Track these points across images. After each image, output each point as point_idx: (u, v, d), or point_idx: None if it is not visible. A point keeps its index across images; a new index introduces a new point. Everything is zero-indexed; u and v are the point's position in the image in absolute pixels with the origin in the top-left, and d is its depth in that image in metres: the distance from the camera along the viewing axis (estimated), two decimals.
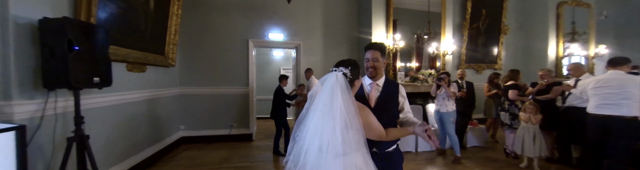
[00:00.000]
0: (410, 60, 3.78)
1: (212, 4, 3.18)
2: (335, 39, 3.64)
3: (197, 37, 3.17)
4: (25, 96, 1.24)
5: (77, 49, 1.24)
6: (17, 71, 1.21)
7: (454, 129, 2.62)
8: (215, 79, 3.29)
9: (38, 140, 1.27)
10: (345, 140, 0.81)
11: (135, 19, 2.11)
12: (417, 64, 3.77)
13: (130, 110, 2.12)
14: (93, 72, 1.36)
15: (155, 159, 2.50)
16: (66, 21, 1.21)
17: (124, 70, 2.01)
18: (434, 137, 0.93)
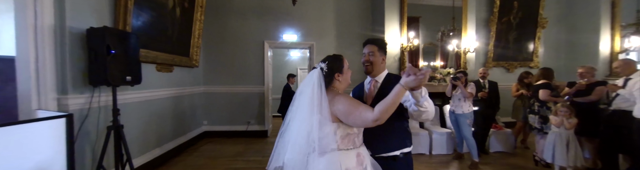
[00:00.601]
0: (435, 58, 3.60)
1: (231, 9, 3.44)
2: (348, 38, 3.65)
3: (217, 40, 3.45)
4: (77, 91, 1.53)
5: (113, 52, 1.49)
6: (71, 71, 1.49)
7: (470, 132, 2.46)
8: (234, 79, 3.54)
9: (86, 127, 1.56)
10: (322, 137, 0.82)
11: (164, 25, 2.41)
12: (442, 63, 3.59)
13: (159, 106, 2.42)
14: (126, 71, 1.61)
15: (180, 149, 2.80)
16: (105, 30, 1.47)
17: (154, 70, 2.30)
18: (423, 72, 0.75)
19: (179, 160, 2.56)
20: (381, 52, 1.08)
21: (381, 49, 1.09)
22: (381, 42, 1.11)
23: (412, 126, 3.04)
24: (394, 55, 3.24)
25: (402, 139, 0.99)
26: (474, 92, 2.51)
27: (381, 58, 1.08)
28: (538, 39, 4.15)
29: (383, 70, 1.11)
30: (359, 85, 1.22)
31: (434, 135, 2.81)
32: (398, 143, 0.98)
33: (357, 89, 1.20)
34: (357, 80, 1.49)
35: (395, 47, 3.24)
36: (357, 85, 1.22)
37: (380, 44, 1.10)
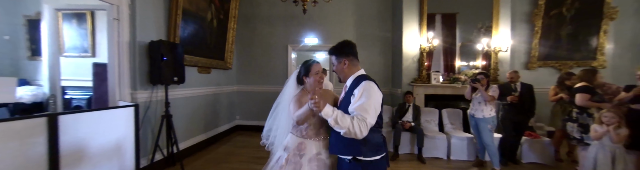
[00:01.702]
0: (475, 58, 3.28)
1: (260, 17, 3.88)
2: (368, 40, 3.73)
3: (247, 45, 3.93)
4: (142, 88, 2.05)
5: (165, 59, 1.96)
6: (139, 73, 2.02)
7: (491, 138, 2.29)
8: (262, 79, 3.98)
9: (148, 115, 2.07)
10: (287, 124, 1.16)
11: (204, 35, 2.92)
12: (484, 62, 3.26)
13: (200, 101, 2.94)
14: (174, 73, 2.08)
15: (216, 139, 3.31)
16: (160, 42, 1.95)
17: (196, 72, 2.82)
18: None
19: (214, 147, 3.06)
20: (340, 58, 1.04)
21: (339, 55, 1.05)
22: (333, 48, 1.07)
23: (429, 129, 2.97)
24: (412, 57, 3.20)
25: (355, 147, 0.95)
26: (496, 95, 2.34)
27: (342, 63, 1.03)
28: (603, 33, 3.48)
29: (352, 74, 1.04)
30: None
31: (453, 139, 2.69)
32: (349, 150, 0.97)
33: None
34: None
35: (414, 48, 3.20)
36: None
37: (333, 51, 1.07)
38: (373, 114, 0.89)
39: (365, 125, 0.85)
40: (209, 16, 2.95)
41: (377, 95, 0.92)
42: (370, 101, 0.89)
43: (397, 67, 3.41)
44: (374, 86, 0.94)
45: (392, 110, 3.29)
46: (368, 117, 0.87)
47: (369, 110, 0.88)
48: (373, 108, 0.89)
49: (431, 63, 3.29)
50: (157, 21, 2.22)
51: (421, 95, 3.19)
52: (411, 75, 3.20)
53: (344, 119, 0.85)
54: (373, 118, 0.89)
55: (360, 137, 0.86)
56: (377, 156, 0.97)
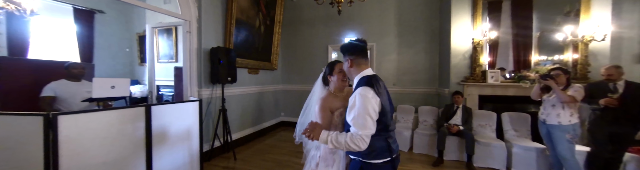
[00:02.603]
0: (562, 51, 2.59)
1: (302, 20, 4.11)
2: (411, 37, 3.50)
3: (291, 47, 4.23)
4: (205, 86, 2.50)
5: (221, 62, 2.34)
6: (204, 74, 2.47)
7: (571, 151, 1.83)
8: (304, 78, 4.22)
9: (210, 109, 2.51)
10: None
11: (253, 40, 3.31)
12: (576, 56, 2.54)
13: (250, 99, 3.35)
14: (228, 74, 2.46)
15: (263, 132, 3.70)
16: (218, 48, 2.34)
17: (246, 73, 3.23)
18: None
19: (261, 140, 3.44)
20: (345, 56, 1.04)
21: (344, 53, 1.05)
22: (340, 47, 1.07)
23: (483, 134, 2.59)
24: (463, 52, 2.82)
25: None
26: (578, 96, 1.85)
27: (347, 62, 1.03)
28: None
29: (357, 74, 1.02)
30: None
31: (516, 149, 2.27)
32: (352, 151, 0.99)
33: None
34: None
35: (464, 43, 2.83)
36: None
37: (340, 50, 1.06)
38: (370, 124, 0.90)
39: (360, 139, 0.90)
40: (257, 23, 3.33)
41: (371, 103, 0.91)
42: (363, 111, 0.89)
43: (444, 65, 3.07)
44: (369, 92, 0.92)
45: (437, 111, 3.00)
46: (363, 130, 0.90)
47: (364, 122, 0.90)
48: (368, 118, 0.90)
49: (496, 59, 2.82)
50: (216, 31, 2.66)
51: (474, 96, 2.79)
52: (461, 74, 2.83)
53: (338, 141, 0.92)
54: (370, 128, 0.91)
55: (360, 150, 0.91)
56: (377, 160, 0.96)
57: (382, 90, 0.97)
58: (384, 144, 0.97)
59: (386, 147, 0.98)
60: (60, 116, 1.16)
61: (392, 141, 1.00)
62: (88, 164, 1.28)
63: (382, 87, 0.98)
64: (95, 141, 1.31)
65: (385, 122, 0.96)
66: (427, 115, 3.06)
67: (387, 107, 0.97)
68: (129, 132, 1.48)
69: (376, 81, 0.98)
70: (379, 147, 0.97)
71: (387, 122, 0.97)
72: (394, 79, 3.58)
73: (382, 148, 0.97)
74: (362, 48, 1.01)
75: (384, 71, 3.62)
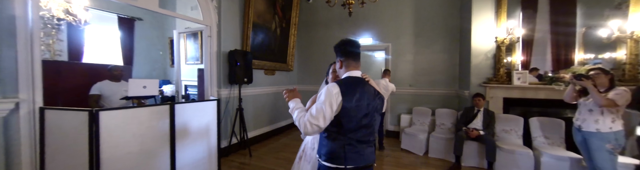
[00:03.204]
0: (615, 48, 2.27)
1: (317, 22, 4.19)
2: (428, 36, 3.37)
3: (307, 48, 4.32)
4: (225, 86, 2.69)
5: (238, 64, 2.50)
6: (223, 75, 2.66)
7: (611, 162, 1.61)
8: (319, 79, 4.28)
9: (228, 108, 2.70)
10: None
11: (269, 42, 3.47)
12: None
13: (266, 99, 3.50)
14: (244, 75, 2.62)
15: (278, 131, 3.84)
16: (235, 51, 2.51)
17: (263, 74, 3.39)
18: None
19: (276, 138, 3.58)
20: (336, 57, 1.06)
21: (336, 54, 1.06)
22: (334, 47, 1.07)
23: (507, 141, 2.40)
24: (485, 52, 2.65)
25: (319, 147, 1.02)
26: (620, 100, 1.61)
27: (338, 63, 1.05)
28: None
29: (343, 75, 1.02)
30: None
31: (545, 158, 2.08)
32: (317, 149, 1.03)
33: None
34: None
35: (486, 42, 2.65)
36: None
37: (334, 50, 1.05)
38: (320, 116, 0.89)
39: (305, 124, 0.89)
40: (273, 26, 3.48)
41: (332, 99, 0.90)
42: (322, 103, 0.90)
43: (464, 65, 2.91)
44: (335, 89, 0.92)
45: (456, 114, 2.85)
46: (312, 118, 0.89)
47: (316, 112, 0.90)
48: (321, 110, 0.89)
49: (530, 58, 2.60)
50: (235, 34, 2.84)
51: (498, 98, 2.60)
52: (483, 75, 2.66)
53: (294, 112, 0.99)
54: (318, 119, 0.88)
55: (303, 132, 0.91)
56: (330, 164, 0.94)
57: (352, 95, 0.92)
58: (340, 150, 0.93)
59: (341, 153, 0.93)
60: (101, 112, 1.37)
61: (352, 150, 0.93)
62: (124, 153, 1.48)
63: (362, 92, 0.94)
64: (129, 134, 1.51)
65: (342, 128, 0.94)
66: (445, 118, 2.92)
67: (356, 111, 0.93)
68: (156, 127, 1.67)
69: (355, 83, 0.96)
70: (334, 151, 0.94)
71: (346, 125, 0.93)
72: (411, 80, 3.48)
73: (336, 153, 0.94)
74: (355, 53, 1.02)
75: (400, 72, 3.54)
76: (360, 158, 0.94)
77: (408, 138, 2.93)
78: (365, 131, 0.96)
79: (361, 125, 0.95)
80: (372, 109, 0.98)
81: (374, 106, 0.98)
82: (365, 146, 0.96)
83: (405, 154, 2.83)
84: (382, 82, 3.03)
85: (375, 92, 1.00)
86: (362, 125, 0.95)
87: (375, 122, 1.00)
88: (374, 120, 0.99)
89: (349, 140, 0.94)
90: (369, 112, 0.97)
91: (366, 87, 0.98)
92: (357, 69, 1.03)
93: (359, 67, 1.04)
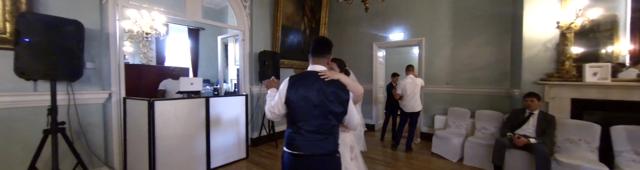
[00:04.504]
0: None
1: (348, 19, 4.16)
2: (470, 27, 2.89)
3: (337, 46, 4.34)
4: (255, 84, 3.04)
5: (266, 63, 2.79)
6: (255, 73, 3.01)
7: None
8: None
9: (259, 103, 3.04)
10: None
11: (299, 43, 3.68)
12: None
13: None
14: (272, 74, 2.89)
15: None
16: (264, 52, 2.81)
17: (293, 72, 3.63)
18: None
19: None
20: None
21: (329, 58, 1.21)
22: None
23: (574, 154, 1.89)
24: (544, 42, 2.09)
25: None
26: None
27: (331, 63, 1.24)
28: None
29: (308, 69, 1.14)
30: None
31: None
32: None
33: None
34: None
35: (544, 29, 2.09)
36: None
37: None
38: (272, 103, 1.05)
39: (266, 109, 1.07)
40: (303, 27, 3.67)
41: (281, 90, 1.03)
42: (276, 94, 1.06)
43: (517, 59, 2.38)
44: (285, 81, 1.04)
45: (502, 117, 2.40)
46: (270, 106, 1.06)
47: (271, 100, 1.08)
48: (275, 99, 1.04)
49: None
50: (265, 37, 3.16)
51: (564, 99, 2.05)
52: (540, 70, 2.12)
53: (268, 99, 1.13)
54: (273, 107, 1.04)
55: (270, 118, 1.07)
56: (288, 150, 1.03)
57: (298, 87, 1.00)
58: (291, 138, 1.03)
59: (289, 140, 1.03)
60: (156, 101, 1.82)
61: (298, 139, 1.00)
62: (171, 134, 1.93)
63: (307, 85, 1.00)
64: (174, 119, 1.95)
65: (292, 117, 1.02)
66: (488, 121, 2.49)
67: (298, 104, 0.99)
68: (195, 115, 2.09)
69: (305, 77, 1.04)
70: (287, 138, 1.05)
71: (296, 118, 1.00)
72: (448, 78, 3.08)
73: (288, 140, 1.04)
74: (319, 49, 1.08)
75: (435, 69, 3.18)
76: (309, 146, 1.00)
77: (440, 142, 2.63)
78: (315, 122, 1.00)
79: (312, 116, 1.00)
80: (320, 102, 1.00)
81: (321, 100, 1.00)
82: (320, 137, 1.00)
83: (435, 159, 2.56)
84: (407, 80, 2.81)
85: (324, 87, 1.00)
86: (312, 116, 1.00)
87: (332, 115, 1.01)
88: (329, 113, 1.00)
89: (298, 129, 1.01)
90: (319, 105, 0.99)
91: (314, 81, 1.01)
92: (321, 64, 1.08)
93: (324, 62, 1.09)
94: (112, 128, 1.94)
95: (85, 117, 1.79)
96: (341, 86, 1.03)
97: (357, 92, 1.06)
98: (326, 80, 1.02)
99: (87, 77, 1.78)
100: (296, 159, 1.01)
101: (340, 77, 1.03)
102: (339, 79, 1.03)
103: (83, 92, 1.76)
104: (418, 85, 2.81)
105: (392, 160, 2.56)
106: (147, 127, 1.80)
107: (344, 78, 1.04)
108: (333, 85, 1.02)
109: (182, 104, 1.99)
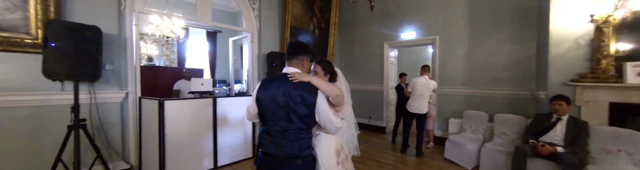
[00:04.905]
0: None
1: (358, 19, 4.07)
2: (489, 23, 2.66)
3: (348, 46, 4.28)
4: None
5: (273, 64, 2.82)
6: (263, 74, 3.06)
7: None
8: (360, 78, 4.17)
9: None
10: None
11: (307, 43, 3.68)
12: None
13: None
14: None
15: None
16: (271, 53, 2.85)
17: None
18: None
19: None
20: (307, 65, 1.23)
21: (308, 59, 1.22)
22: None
23: (608, 166, 1.66)
24: (575, 38, 1.84)
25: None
26: None
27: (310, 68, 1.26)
28: None
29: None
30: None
31: None
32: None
33: None
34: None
35: (575, 24, 1.84)
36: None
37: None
38: (248, 104, 1.17)
39: (246, 108, 1.19)
40: (311, 27, 3.66)
41: (254, 91, 1.11)
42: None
43: (543, 58, 2.13)
44: (258, 84, 1.11)
45: (525, 122, 2.17)
46: (248, 106, 1.16)
47: (250, 101, 1.16)
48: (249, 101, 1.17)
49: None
50: (273, 38, 3.20)
51: (600, 104, 1.79)
52: (570, 70, 1.88)
53: None
54: (249, 108, 1.15)
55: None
56: (260, 149, 1.09)
57: (267, 88, 1.04)
58: (259, 135, 1.10)
59: (259, 138, 1.09)
60: (165, 101, 1.93)
61: (265, 137, 1.05)
62: (180, 131, 2.02)
63: (274, 86, 1.03)
64: (184, 117, 2.04)
65: (261, 116, 1.08)
66: (508, 126, 2.27)
67: (265, 103, 1.04)
68: (203, 114, 2.17)
69: (274, 78, 1.08)
70: (259, 136, 1.10)
71: (264, 117, 1.06)
72: (464, 78, 2.87)
73: (258, 136, 1.13)
74: (290, 51, 1.11)
75: (450, 69, 2.99)
76: (274, 147, 1.02)
77: (453, 147, 2.45)
78: (281, 123, 1.01)
79: (277, 117, 1.01)
80: (285, 104, 1.00)
81: (286, 101, 1.00)
82: (284, 140, 1.00)
83: (448, 165, 2.39)
84: (421, 80, 2.67)
85: (290, 89, 1.00)
86: (278, 116, 1.01)
87: (297, 117, 1.00)
88: (294, 115, 1.00)
89: (266, 128, 1.05)
90: (284, 106, 1.00)
91: (281, 82, 1.02)
92: (294, 66, 1.11)
93: (296, 64, 1.11)
94: (128, 125, 2.09)
95: (105, 115, 1.95)
96: (310, 89, 1.00)
97: (330, 94, 1.01)
98: (294, 82, 1.00)
99: (107, 77, 1.94)
100: (263, 157, 1.05)
101: (310, 80, 1.00)
102: (309, 81, 1.00)
103: (103, 91, 1.91)
104: (430, 87, 2.64)
105: (401, 164, 2.44)
106: (158, 125, 1.90)
107: (316, 80, 1.00)
108: (301, 87, 0.99)
109: (190, 103, 2.08)
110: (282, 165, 1.00)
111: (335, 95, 1.02)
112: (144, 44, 4.50)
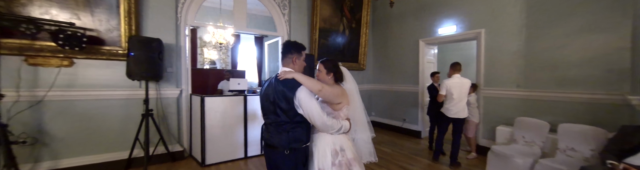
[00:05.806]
0: None
1: (391, 16, 3.83)
2: (552, 10, 2.08)
3: (381, 45, 4.07)
4: None
5: None
6: None
7: None
8: (393, 78, 3.92)
9: None
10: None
11: (338, 44, 3.69)
12: None
13: None
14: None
15: None
16: None
17: None
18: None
19: None
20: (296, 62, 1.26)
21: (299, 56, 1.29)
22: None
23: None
24: None
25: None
26: None
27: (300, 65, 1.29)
28: None
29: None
30: None
31: None
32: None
33: None
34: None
35: None
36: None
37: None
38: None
39: None
40: (341, 28, 3.67)
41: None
42: None
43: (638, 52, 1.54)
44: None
45: (605, 136, 1.64)
46: None
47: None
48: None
49: None
50: (303, 39, 3.36)
51: None
52: None
53: None
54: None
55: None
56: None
57: (264, 87, 1.19)
58: (261, 129, 1.23)
59: (262, 131, 1.21)
60: (206, 97, 2.33)
61: (266, 130, 1.17)
62: (217, 124, 2.40)
63: (266, 84, 1.19)
64: (221, 112, 2.41)
65: (261, 110, 1.22)
66: (580, 140, 1.76)
67: (263, 98, 1.17)
68: (236, 110, 2.51)
69: (269, 78, 1.22)
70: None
71: (262, 111, 1.21)
72: (518, 78, 2.35)
73: (260, 130, 1.25)
74: (282, 51, 1.22)
75: (498, 67, 2.51)
76: (270, 137, 1.13)
77: (497, 160, 2.05)
78: (272, 117, 1.12)
79: (269, 111, 1.14)
80: (274, 99, 1.10)
81: (275, 97, 1.10)
82: (276, 130, 1.11)
83: None
84: (454, 81, 2.33)
85: (277, 85, 1.10)
86: (270, 110, 1.13)
87: (282, 111, 1.09)
88: (279, 109, 1.09)
89: (264, 122, 1.20)
90: (273, 101, 1.11)
91: (272, 80, 1.15)
92: (285, 65, 1.22)
93: (286, 62, 1.21)
94: (182, 116, 2.61)
95: (167, 107, 2.49)
96: (291, 85, 1.07)
97: (312, 89, 1.05)
98: (280, 80, 1.09)
99: (167, 78, 2.48)
100: (266, 148, 1.18)
101: (294, 76, 1.07)
102: (293, 77, 1.07)
103: (165, 89, 2.46)
104: (466, 87, 2.29)
105: None
106: (200, 117, 2.32)
107: (299, 76, 1.07)
108: (283, 84, 1.09)
109: (225, 100, 2.44)
110: (271, 153, 1.13)
111: (317, 90, 1.06)
112: (206, 50, 5.43)
